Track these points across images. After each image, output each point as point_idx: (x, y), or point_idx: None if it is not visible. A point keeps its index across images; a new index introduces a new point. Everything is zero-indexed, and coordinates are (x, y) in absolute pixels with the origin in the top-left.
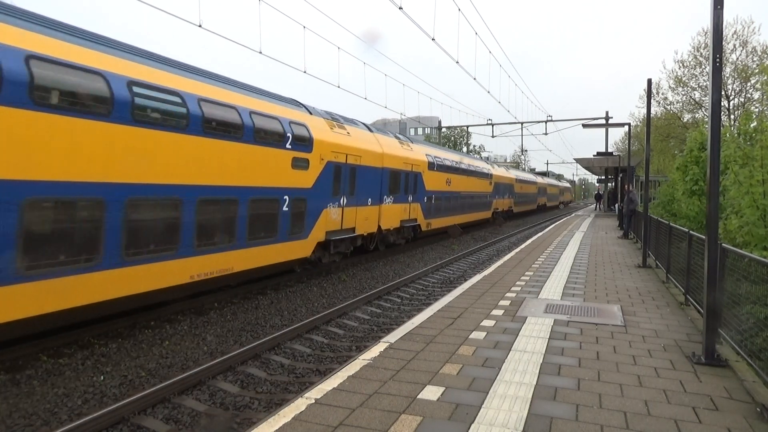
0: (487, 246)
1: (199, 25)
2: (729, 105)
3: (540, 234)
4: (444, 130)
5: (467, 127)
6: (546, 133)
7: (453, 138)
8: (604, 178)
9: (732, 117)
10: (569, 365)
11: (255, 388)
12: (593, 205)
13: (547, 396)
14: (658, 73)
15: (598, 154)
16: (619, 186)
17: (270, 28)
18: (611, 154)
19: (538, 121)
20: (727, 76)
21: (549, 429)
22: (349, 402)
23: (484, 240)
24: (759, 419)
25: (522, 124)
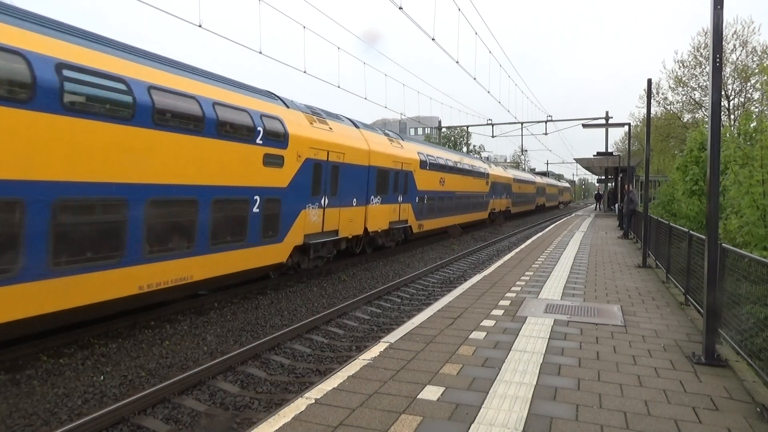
0: (487, 246)
1: (199, 25)
2: (729, 105)
3: (540, 234)
4: (444, 130)
5: (467, 127)
6: (546, 133)
7: (453, 138)
8: (604, 178)
9: (732, 117)
10: (569, 365)
11: (255, 388)
12: (593, 205)
13: (547, 396)
14: (658, 73)
15: (598, 154)
16: (619, 186)
17: (270, 28)
18: (611, 154)
19: (538, 121)
20: (727, 76)
21: (549, 429)
22: (349, 402)
23: (484, 240)
24: (759, 419)
25: (522, 124)
